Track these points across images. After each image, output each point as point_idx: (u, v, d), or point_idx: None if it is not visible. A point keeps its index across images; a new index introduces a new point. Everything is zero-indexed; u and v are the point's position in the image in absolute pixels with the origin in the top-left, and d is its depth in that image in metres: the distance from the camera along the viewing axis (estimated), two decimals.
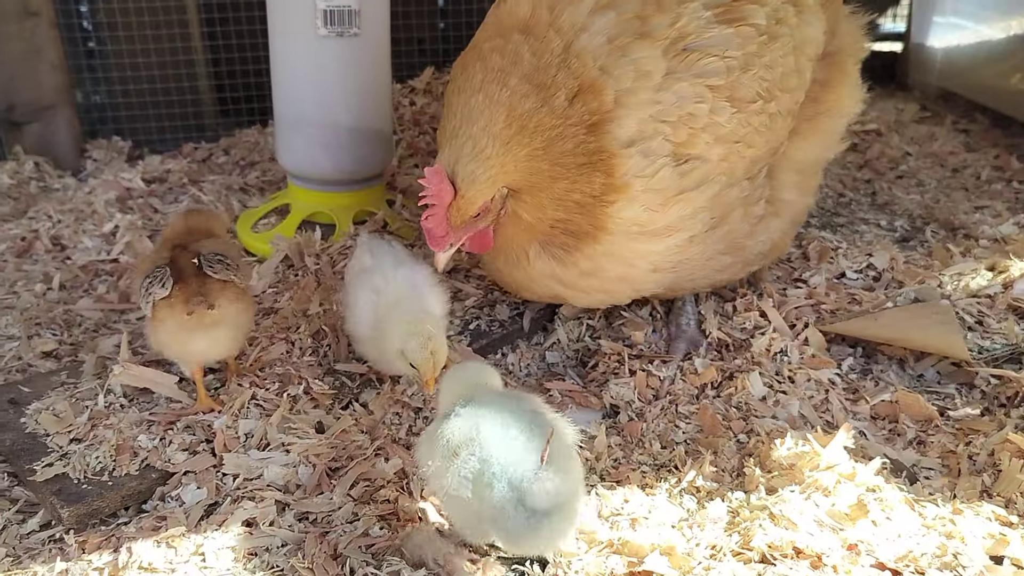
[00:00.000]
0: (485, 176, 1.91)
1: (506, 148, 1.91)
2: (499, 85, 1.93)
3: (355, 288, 2.16)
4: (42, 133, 3.57)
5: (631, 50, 1.91)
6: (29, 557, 1.74)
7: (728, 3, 1.97)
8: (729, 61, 1.94)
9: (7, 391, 2.15)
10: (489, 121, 1.91)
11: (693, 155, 1.96)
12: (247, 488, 1.87)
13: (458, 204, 1.91)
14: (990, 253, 2.72)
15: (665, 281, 2.16)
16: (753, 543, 1.57)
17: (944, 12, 4.16)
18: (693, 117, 1.93)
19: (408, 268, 2.16)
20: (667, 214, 1.98)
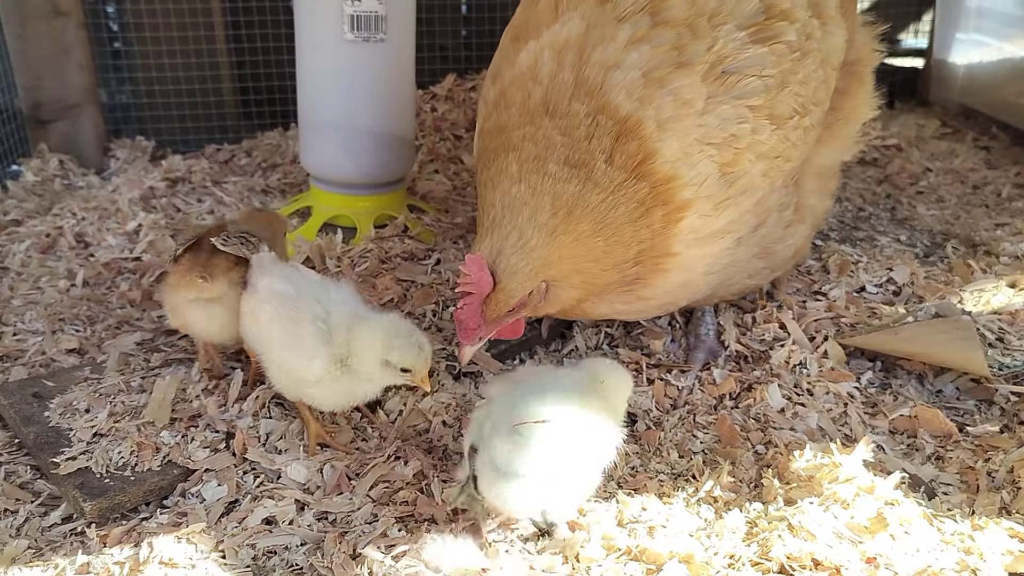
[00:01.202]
0: (528, 268, 1.85)
1: (551, 239, 1.86)
2: (539, 174, 1.90)
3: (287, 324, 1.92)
4: (67, 131, 3.62)
5: (669, 81, 1.90)
6: (51, 550, 1.76)
7: (760, 23, 1.97)
8: (767, 80, 1.95)
9: (31, 385, 2.18)
10: (535, 211, 1.86)
11: (738, 172, 1.97)
12: (267, 487, 1.89)
13: (496, 296, 1.85)
14: (1011, 270, 2.72)
15: (713, 283, 2.16)
16: (772, 553, 1.57)
17: (967, 29, 4.16)
18: (736, 138, 1.94)
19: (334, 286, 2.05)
20: (719, 219, 1.98)
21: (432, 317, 2.52)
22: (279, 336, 1.92)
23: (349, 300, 2.02)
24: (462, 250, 2.88)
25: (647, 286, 2.03)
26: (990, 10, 4.05)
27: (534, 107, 1.97)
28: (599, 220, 1.89)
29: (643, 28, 1.92)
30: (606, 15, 1.96)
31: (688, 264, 2.03)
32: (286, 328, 1.91)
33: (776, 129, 1.99)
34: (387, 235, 2.93)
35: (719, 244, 2.04)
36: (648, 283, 2.02)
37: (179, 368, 2.26)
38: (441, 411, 2.13)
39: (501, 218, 1.88)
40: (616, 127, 1.89)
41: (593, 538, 1.67)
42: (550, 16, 2.04)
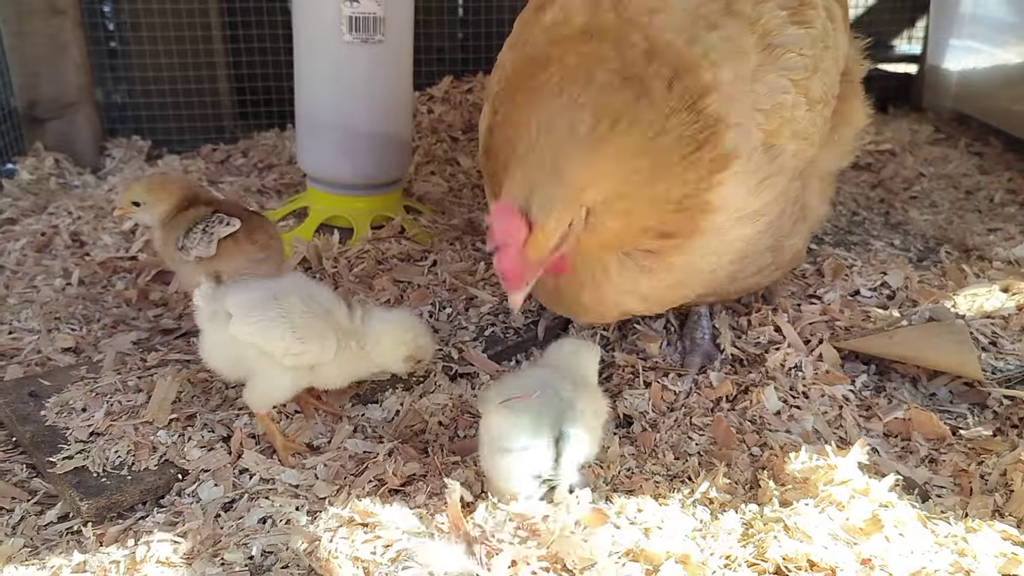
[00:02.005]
0: (566, 196, 1.68)
1: (593, 153, 1.69)
2: (583, 84, 1.73)
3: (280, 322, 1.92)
4: (63, 130, 3.61)
5: (720, 24, 1.87)
6: (47, 548, 1.76)
7: (796, 6, 1.99)
8: (804, 59, 1.97)
9: (27, 384, 2.18)
10: (573, 123, 1.69)
11: (778, 144, 1.96)
12: (264, 486, 1.89)
13: (535, 239, 1.68)
14: (1004, 275, 2.74)
15: (732, 272, 2.12)
16: (768, 554, 1.58)
17: (960, 35, 4.19)
18: (781, 107, 1.93)
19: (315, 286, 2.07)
20: (760, 197, 1.96)
21: (429, 318, 2.53)
22: (279, 332, 1.91)
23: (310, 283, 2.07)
24: (458, 251, 2.89)
25: (679, 250, 1.92)
26: (983, 17, 4.08)
27: (572, 32, 1.86)
28: (648, 138, 1.74)
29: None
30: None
31: (718, 248, 1.98)
32: (280, 326, 1.91)
33: (808, 109, 2.00)
34: (384, 236, 2.93)
35: (754, 226, 2.01)
36: (681, 247, 1.91)
37: (176, 368, 2.26)
38: (438, 412, 2.14)
39: (535, 141, 1.71)
40: (674, 60, 1.81)
41: (589, 539, 1.67)
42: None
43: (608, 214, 1.78)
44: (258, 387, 1.97)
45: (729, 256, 2.04)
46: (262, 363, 1.94)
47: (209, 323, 1.97)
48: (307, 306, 1.95)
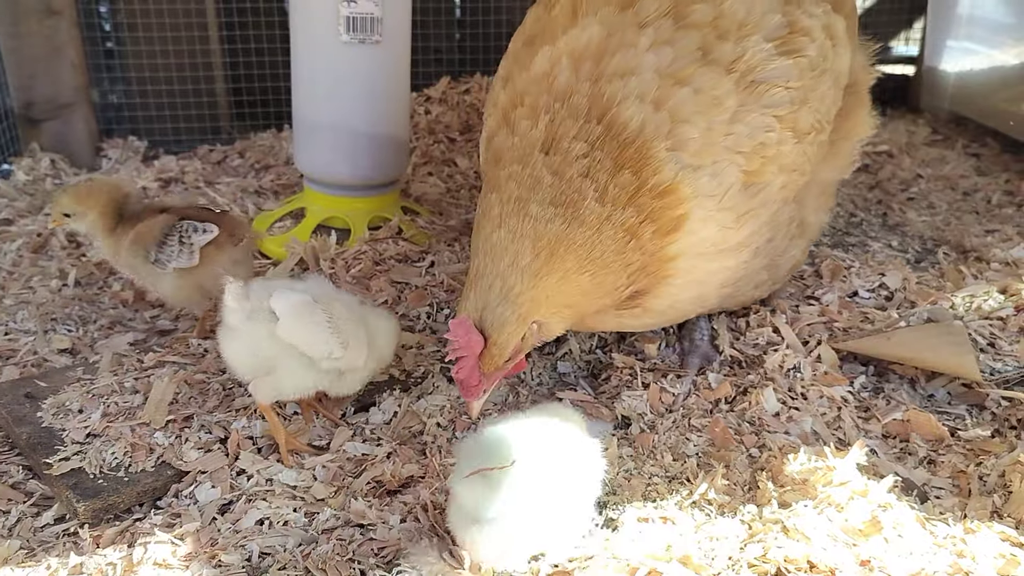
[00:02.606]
0: (516, 316, 1.81)
1: (537, 282, 1.82)
2: (520, 218, 1.85)
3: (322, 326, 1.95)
4: (59, 131, 3.60)
5: (691, 78, 1.85)
6: (43, 550, 1.75)
7: (784, 36, 1.96)
8: (792, 92, 1.94)
9: (23, 385, 2.17)
10: (515, 255, 1.82)
11: (760, 182, 1.96)
12: (261, 488, 1.88)
13: (490, 352, 1.82)
14: (1001, 276, 2.74)
15: (724, 294, 2.15)
16: (769, 555, 1.58)
17: (958, 37, 4.19)
18: (764, 146, 1.93)
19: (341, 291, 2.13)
20: (740, 231, 1.97)
21: (426, 319, 2.52)
22: (324, 337, 1.93)
23: (335, 289, 2.10)
24: (456, 252, 2.89)
25: (653, 296, 1.99)
26: (981, 18, 4.08)
27: (533, 140, 1.92)
28: (585, 255, 1.84)
29: (666, 32, 1.89)
30: (627, 20, 1.93)
31: (702, 278, 2.01)
32: (326, 331, 1.93)
33: (797, 143, 1.98)
34: (381, 237, 2.93)
35: (738, 257, 2.03)
36: (655, 293, 1.98)
37: (173, 369, 2.25)
38: (436, 413, 2.14)
39: (484, 267, 1.85)
40: (616, 153, 1.84)
41: (589, 540, 1.67)
42: (567, 21, 2.00)
43: (559, 318, 1.91)
44: (277, 381, 1.96)
45: (715, 284, 2.07)
46: (293, 362, 1.94)
47: (247, 322, 1.93)
48: (348, 311, 1.99)
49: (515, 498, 1.55)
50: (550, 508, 1.60)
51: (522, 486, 1.55)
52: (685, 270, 1.95)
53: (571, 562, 1.62)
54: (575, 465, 1.66)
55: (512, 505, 1.55)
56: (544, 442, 1.63)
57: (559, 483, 1.61)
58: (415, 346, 2.39)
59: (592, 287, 1.88)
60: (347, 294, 2.13)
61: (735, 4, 1.93)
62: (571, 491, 1.65)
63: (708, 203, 1.89)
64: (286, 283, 2.06)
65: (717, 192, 1.89)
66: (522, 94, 2.00)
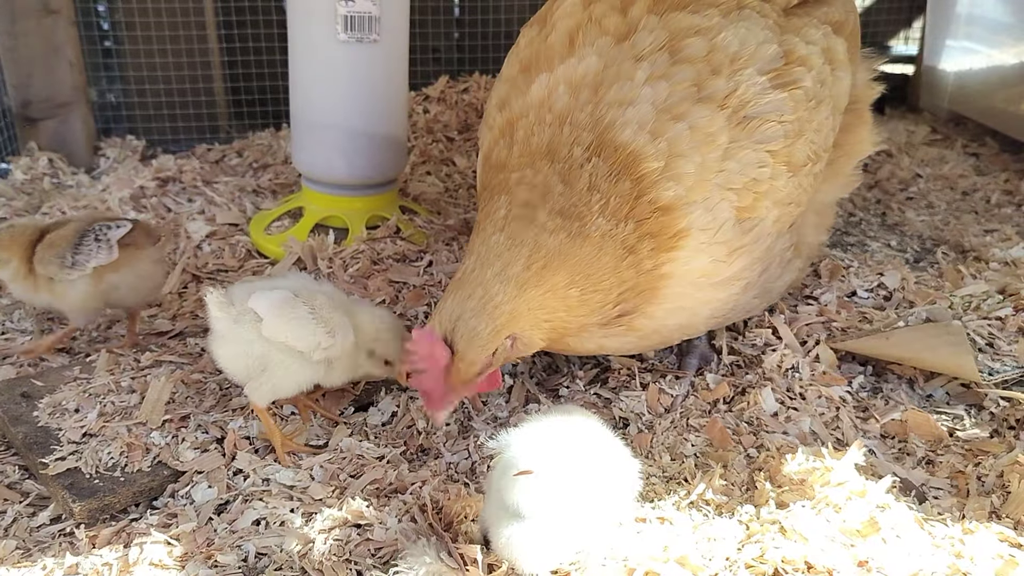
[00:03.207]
0: (490, 330, 1.75)
1: (520, 292, 1.77)
2: (525, 224, 1.81)
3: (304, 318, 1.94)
4: (57, 130, 3.59)
5: (686, 115, 1.85)
6: (39, 550, 1.75)
7: (779, 68, 1.95)
8: (786, 126, 1.92)
9: (20, 384, 2.16)
10: (507, 263, 1.78)
11: (753, 217, 1.95)
12: (258, 488, 1.88)
13: (457, 367, 1.76)
14: (1000, 276, 2.73)
15: (712, 323, 2.14)
16: (767, 556, 1.57)
17: (957, 36, 4.18)
18: (757, 183, 1.91)
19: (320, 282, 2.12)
20: (732, 266, 1.96)
21: (424, 319, 2.52)
22: (311, 328, 1.93)
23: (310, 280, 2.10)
24: (454, 252, 2.88)
25: (641, 316, 1.94)
26: (980, 17, 4.07)
27: (537, 149, 1.91)
28: (579, 271, 1.81)
29: (662, 65, 1.89)
30: (623, 54, 1.92)
31: (691, 307, 1.99)
32: (311, 322, 1.93)
33: (792, 176, 1.97)
34: (379, 236, 2.92)
35: (728, 290, 2.01)
36: (643, 313, 1.94)
37: (170, 368, 2.24)
38: None
39: (470, 272, 1.80)
40: (617, 165, 1.83)
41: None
42: (564, 50, 1.99)
43: (538, 333, 1.84)
44: (272, 381, 1.96)
45: (704, 315, 2.05)
46: (285, 358, 1.94)
47: (235, 326, 1.94)
48: (329, 301, 1.99)
49: (554, 497, 1.52)
50: (587, 507, 1.57)
51: (561, 484, 1.52)
52: (676, 295, 1.93)
53: (570, 564, 1.61)
54: (612, 464, 1.65)
55: (551, 504, 1.52)
56: (582, 441, 1.62)
57: (597, 482, 1.59)
58: None
59: (578, 303, 1.84)
60: (328, 285, 2.11)
61: (728, 37, 1.92)
62: (608, 490, 1.62)
63: (701, 236, 1.88)
64: (265, 282, 2.06)
65: (711, 227, 1.88)
66: (520, 116, 1.99)
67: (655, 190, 1.83)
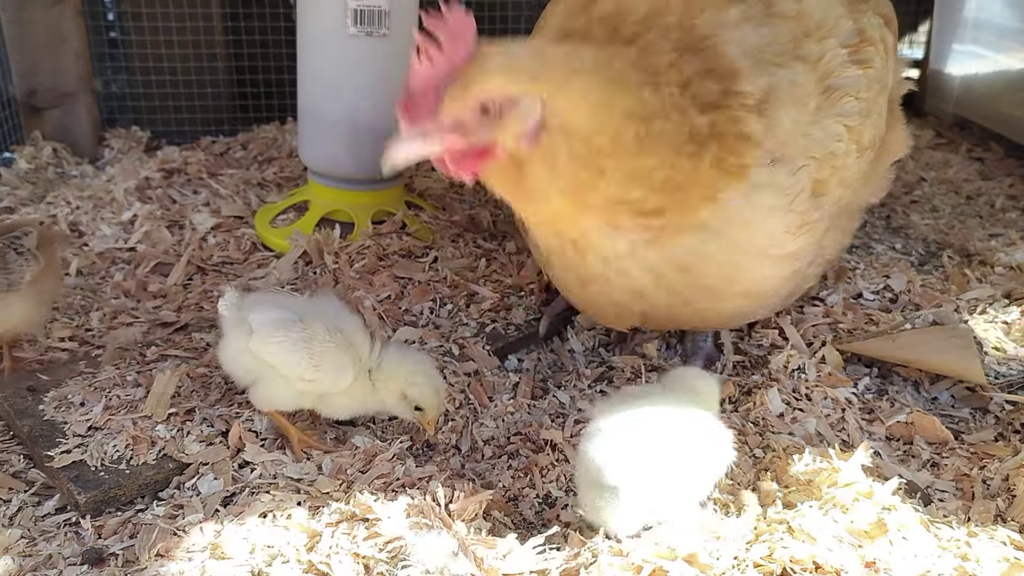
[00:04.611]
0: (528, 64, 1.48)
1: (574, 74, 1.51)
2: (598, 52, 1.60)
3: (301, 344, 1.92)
4: (61, 119, 3.58)
5: (787, 65, 1.79)
6: (44, 540, 1.74)
7: (856, 43, 1.91)
8: (860, 103, 1.88)
9: (26, 378, 2.15)
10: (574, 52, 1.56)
11: (826, 194, 1.89)
12: (264, 481, 1.87)
13: (465, 75, 1.45)
14: (1006, 280, 2.74)
15: (737, 307, 2.04)
16: (775, 555, 1.58)
17: (964, 40, 4.18)
18: (833, 156, 1.86)
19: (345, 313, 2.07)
20: (797, 240, 1.88)
21: (429, 314, 2.52)
22: (296, 358, 1.91)
23: (340, 310, 2.07)
24: (459, 248, 2.88)
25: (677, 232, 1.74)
26: (987, 22, 4.07)
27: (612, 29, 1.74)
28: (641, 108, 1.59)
29: (757, 13, 1.81)
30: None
31: (737, 267, 1.89)
32: (299, 351, 1.91)
33: (858, 157, 1.92)
34: (385, 231, 2.92)
35: (783, 269, 1.91)
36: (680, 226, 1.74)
37: (176, 363, 2.24)
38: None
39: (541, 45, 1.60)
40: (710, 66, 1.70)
41: (595, 538, 1.67)
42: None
43: (565, 145, 1.55)
44: (267, 391, 1.97)
45: (745, 284, 1.94)
46: (274, 376, 1.95)
47: (233, 330, 1.97)
48: (330, 334, 1.95)
49: (645, 466, 1.60)
50: (677, 479, 1.65)
51: (653, 454, 1.61)
52: (723, 230, 1.77)
53: (576, 559, 1.61)
54: (704, 438, 1.71)
55: (641, 473, 1.60)
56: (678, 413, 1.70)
57: (688, 455, 1.66)
58: (417, 340, 2.39)
59: (625, 145, 1.58)
60: (354, 319, 2.05)
61: (812, 4, 1.87)
62: (698, 464, 1.69)
63: (781, 200, 1.80)
64: (282, 299, 2.08)
65: (792, 191, 1.81)
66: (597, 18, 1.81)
67: (745, 115, 1.72)
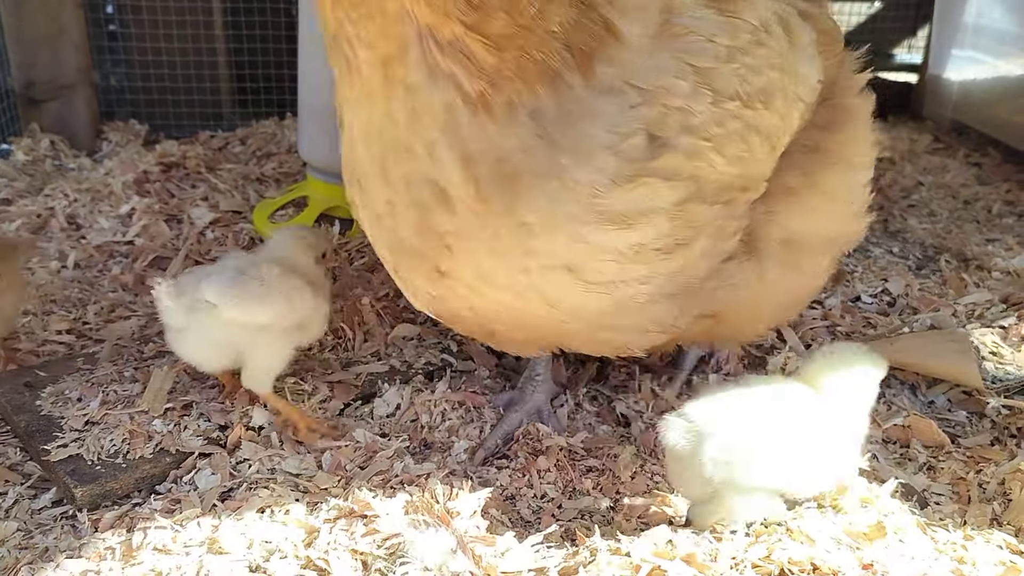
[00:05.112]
0: None
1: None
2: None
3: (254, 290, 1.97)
4: (60, 112, 3.58)
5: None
6: (41, 533, 1.74)
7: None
8: (716, 47, 1.65)
9: (23, 374, 2.15)
10: None
11: (662, 137, 1.60)
12: (262, 476, 1.87)
13: None
14: (1003, 285, 2.75)
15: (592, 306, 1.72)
16: (774, 556, 1.58)
17: (963, 46, 4.20)
18: (668, 93, 1.59)
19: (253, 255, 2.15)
20: (629, 194, 1.59)
21: None
22: (270, 304, 1.95)
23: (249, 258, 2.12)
24: None
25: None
26: (986, 27, 4.09)
27: None
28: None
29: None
30: None
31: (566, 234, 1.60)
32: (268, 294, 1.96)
33: (712, 104, 1.64)
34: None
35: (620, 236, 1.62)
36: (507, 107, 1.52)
37: (173, 358, 2.23)
38: (441, 402, 2.13)
39: None
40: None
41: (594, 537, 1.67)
42: None
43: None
44: (258, 363, 1.97)
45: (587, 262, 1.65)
46: (255, 337, 1.95)
47: (189, 316, 1.95)
48: (270, 267, 2.00)
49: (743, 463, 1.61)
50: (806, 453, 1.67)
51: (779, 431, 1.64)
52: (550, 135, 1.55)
53: (574, 558, 1.61)
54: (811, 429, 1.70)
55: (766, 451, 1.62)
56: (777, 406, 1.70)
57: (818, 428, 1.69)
58: (415, 338, 2.39)
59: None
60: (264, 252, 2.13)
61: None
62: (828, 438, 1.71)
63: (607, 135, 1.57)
64: (206, 269, 2.09)
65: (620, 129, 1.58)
66: None
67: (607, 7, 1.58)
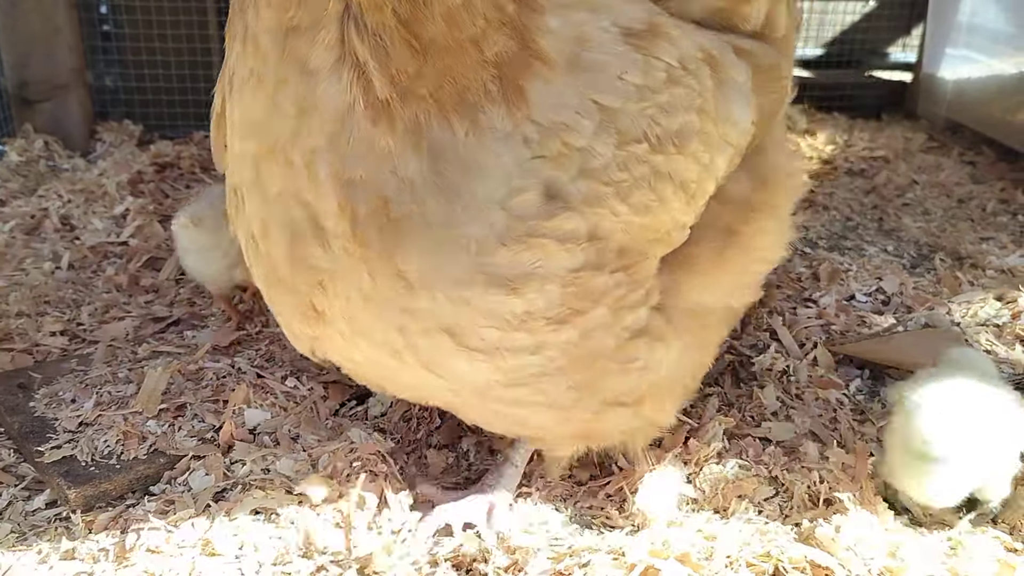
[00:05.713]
0: None
1: None
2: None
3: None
4: (53, 112, 3.57)
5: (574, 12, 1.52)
6: (35, 534, 1.73)
7: (640, 31, 1.57)
8: (625, 85, 1.52)
9: (16, 376, 2.14)
10: None
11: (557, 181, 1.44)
12: (256, 477, 1.86)
13: None
14: (997, 283, 2.75)
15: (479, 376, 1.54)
16: (770, 554, 1.58)
17: (957, 45, 4.20)
18: (568, 131, 1.45)
19: None
20: (517, 255, 1.43)
21: None
22: None
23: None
24: None
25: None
26: (981, 26, 4.09)
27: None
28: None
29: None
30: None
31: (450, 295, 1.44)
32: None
33: (617, 147, 1.49)
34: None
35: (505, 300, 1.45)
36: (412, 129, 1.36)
37: (167, 359, 2.23)
38: None
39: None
40: None
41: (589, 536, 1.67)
42: None
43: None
44: None
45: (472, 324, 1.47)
46: None
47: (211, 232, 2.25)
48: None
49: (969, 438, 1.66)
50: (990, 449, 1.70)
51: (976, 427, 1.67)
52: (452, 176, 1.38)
53: (571, 557, 1.61)
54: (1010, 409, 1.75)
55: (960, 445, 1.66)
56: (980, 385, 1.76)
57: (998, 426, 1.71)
58: None
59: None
60: None
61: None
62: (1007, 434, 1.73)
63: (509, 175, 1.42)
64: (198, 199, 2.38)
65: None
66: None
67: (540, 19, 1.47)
